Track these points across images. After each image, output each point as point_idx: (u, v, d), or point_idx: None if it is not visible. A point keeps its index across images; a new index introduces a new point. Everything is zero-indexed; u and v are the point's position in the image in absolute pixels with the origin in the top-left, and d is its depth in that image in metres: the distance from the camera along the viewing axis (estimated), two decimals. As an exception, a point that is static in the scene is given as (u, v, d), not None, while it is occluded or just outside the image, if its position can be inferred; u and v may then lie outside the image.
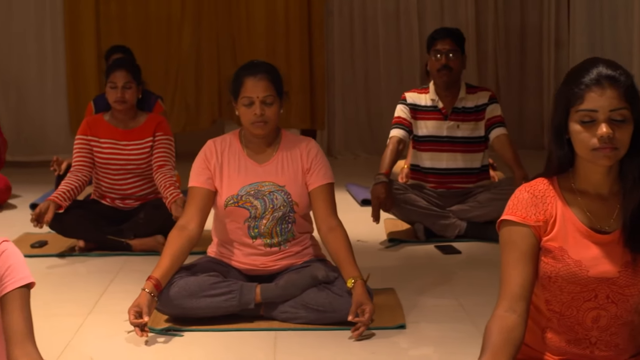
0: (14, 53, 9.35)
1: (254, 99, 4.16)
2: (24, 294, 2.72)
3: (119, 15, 9.30)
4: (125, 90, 5.52)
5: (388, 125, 9.49)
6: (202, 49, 9.30)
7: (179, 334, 3.99)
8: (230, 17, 9.32)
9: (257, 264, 4.23)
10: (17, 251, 2.77)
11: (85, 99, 9.26)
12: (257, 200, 4.18)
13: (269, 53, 9.32)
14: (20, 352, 2.65)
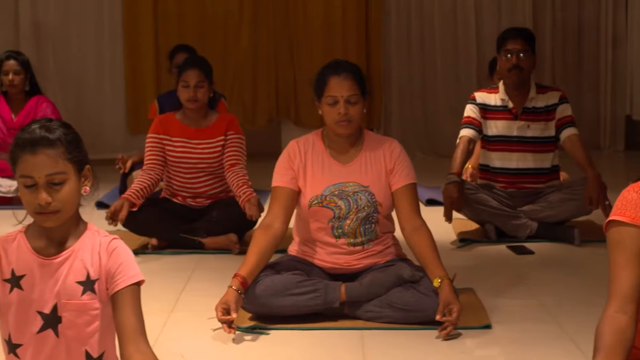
0: (72, 53, 9.41)
1: (339, 98, 4.16)
2: (135, 292, 2.74)
3: (178, 14, 9.33)
4: (198, 89, 5.54)
5: (444, 125, 9.59)
6: (260, 48, 9.31)
7: (265, 332, 3.99)
8: (287, 17, 9.33)
9: (340, 262, 4.23)
10: (128, 249, 2.80)
11: (142, 99, 9.34)
12: (341, 201, 4.18)
13: (326, 53, 9.31)
14: (133, 348, 2.67)
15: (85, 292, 2.73)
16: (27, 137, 2.66)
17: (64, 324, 2.73)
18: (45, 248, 2.76)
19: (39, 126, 2.69)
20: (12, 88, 7.20)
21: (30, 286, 2.73)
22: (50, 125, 2.70)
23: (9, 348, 2.78)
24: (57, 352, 2.74)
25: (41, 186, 2.65)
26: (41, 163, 2.65)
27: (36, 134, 2.66)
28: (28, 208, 2.71)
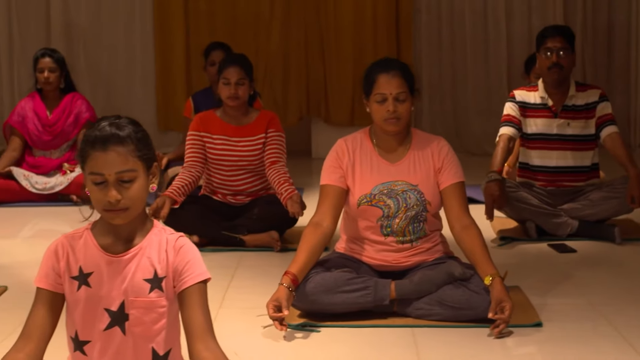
0: (103, 50, 9.43)
1: (387, 95, 4.16)
2: (203, 289, 2.75)
3: (208, 12, 9.33)
4: (239, 86, 5.54)
5: (474, 123, 9.57)
6: (290, 46, 9.31)
7: (316, 330, 3.99)
8: (318, 15, 9.32)
9: (389, 260, 4.22)
10: (194, 247, 2.80)
11: (173, 96, 9.36)
12: (390, 199, 4.18)
13: (357, 51, 9.32)
14: (202, 346, 2.68)
15: (152, 290, 2.73)
16: (97, 134, 2.67)
17: (131, 322, 2.74)
18: (112, 245, 2.77)
19: (108, 123, 2.69)
20: (47, 85, 7.21)
21: (98, 283, 2.74)
22: (120, 122, 2.71)
23: (75, 345, 2.78)
24: (123, 349, 2.75)
25: (111, 183, 2.66)
26: (111, 160, 2.65)
27: (106, 131, 2.66)
28: (97, 205, 2.71)
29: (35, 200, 7.10)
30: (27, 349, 2.69)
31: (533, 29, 9.51)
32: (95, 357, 2.76)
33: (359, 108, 9.41)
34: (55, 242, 2.81)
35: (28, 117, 7.25)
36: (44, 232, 6.61)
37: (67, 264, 2.75)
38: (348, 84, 9.35)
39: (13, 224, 6.58)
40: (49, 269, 2.77)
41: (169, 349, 2.80)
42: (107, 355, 2.76)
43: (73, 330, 2.78)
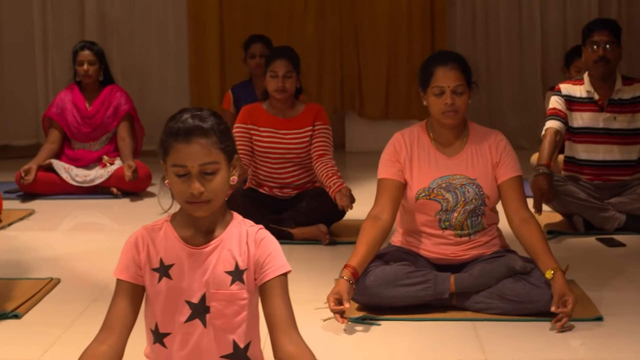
0: (137, 44, 9.42)
1: (445, 88, 4.15)
2: (284, 282, 2.74)
3: (243, 5, 9.31)
4: (286, 79, 5.54)
5: (508, 116, 9.55)
6: (325, 40, 9.29)
7: (376, 323, 3.98)
8: (353, 8, 9.29)
9: (447, 253, 4.21)
10: (274, 239, 2.80)
11: (207, 89, 9.35)
12: (448, 193, 4.17)
13: (391, 44, 9.31)
14: (286, 339, 2.67)
15: (234, 282, 2.73)
16: (180, 126, 2.66)
17: (212, 314, 2.73)
18: (192, 237, 2.76)
19: (190, 115, 2.69)
20: (86, 78, 7.21)
21: (179, 275, 2.74)
22: (202, 114, 2.71)
23: (155, 337, 2.78)
24: (204, 341, 2.75)
25: (194, 175, 2.66)
26: (195, 152, 2.65)
27: (190, 123, 2.66)
28: (179, 197, 2.71)
29: (75, 192, 7.10)
30: (109, 340, 2.70)
31: (567, 22, 9.49)
32: (175, 349, 2.77)
33: (393, 101, 9.40)
34: (134, 233, 2.81)
35: (67, 109, 7.24)
36: (84, 225, 6.63)
37: (147, 256, 2.75)
38: (382, 77, 9.33)
39: (53, 217, 6.59)
40: (129, 261, 2.76)
41: (249, 341, 2.80)
42: (187, 347, 2.75)
43: (153, 322, 2.78)
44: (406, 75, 9.31)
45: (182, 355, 2.76)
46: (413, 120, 9.39)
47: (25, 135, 9.50)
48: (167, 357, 2.78)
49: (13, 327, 4.04)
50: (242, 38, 9.03)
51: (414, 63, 9.27)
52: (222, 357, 2.76)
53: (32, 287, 4.54)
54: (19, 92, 9.54)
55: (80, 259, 5.30)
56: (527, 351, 3.67)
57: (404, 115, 9.41)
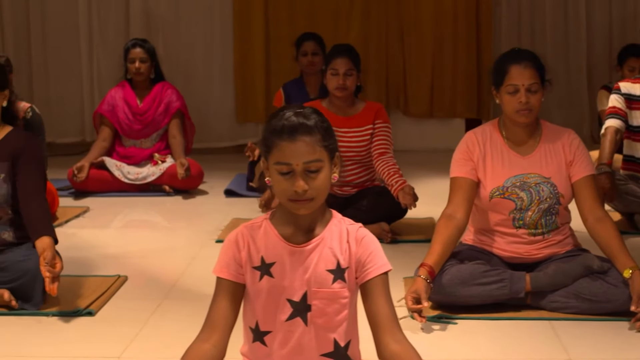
0: (182, 42, 9.43)
1: (520, 86, 4.13)
2: (385, 281, 2.73)
3: (288, 3, 9.31)
4: (347, 77, 5.52)
5: (554, 115, 9.49)
6: (370, 38, 9.27)
7: (453, 322, 3.97)
8: (398, 7, 9.27)
9: (521, 252, 4.19)
10: (375, 237, 2.79)
11: (251, 87, 9.36)
12: (523, 192, 4.15)
13: (436, 43, 9.29)
14: (390, 338, 2.66)
15: (335, 281, 2.72)
16: (284, 123, 2.65)
17: (314, 312, 2.72)
18: (293, 235, 2.75)
19: (294, 113, 2.68)
20: (138, 76, 7.22)
21: (281, 274, 2.72)
22: (305, 111, 2.69)
23: (255, 336, 2.77)
24: (305, 340, 2.73)
25: (298, 173, 2.64)
26: (299, 150, 2.63)
27: (294, 121, 2.65)
28: (282, 195, 2.69)
29: (126, 190, 7.11)
30: (212, 339, 2.69)
31: (613, 20, 9.44)
32: (275, 348, 2.75)
33: (437, 100, 9.38)
34: (234, 232, 2.80)
35: (118, 106, 7.25)
36: (139, 223, 6.64)
37: (248, 254, 2.74)
38: (427, 76, 9.32)
39: (107, 214, 6.61)
40: (230, 259, 2.76)
41: (349, 340, 2.78)
42: (288, 346, 2.74)
43: (253, 320, 2.77)
44: (451, 73, 9.29)
45: (282, 354, 2.74)
46: (457, 119, 9.41)
47: (71, 132, 9.54)
48: (267, 355, 2.77)
49: (88, 324, 4.05)
50: (287, 36, 9.06)
51: (458, 62, 9.29)
52: (323, 356, 2.74)
53: (100, 284, 4.55)
54: (64, 90, 9.57)
55: (142, 256, 5.30)
56: (610, 351, 3.65)
57: (448, 113, 9.39)
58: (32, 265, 4.12)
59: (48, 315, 4.11)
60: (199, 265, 5.04)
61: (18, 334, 3.91)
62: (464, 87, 9.29)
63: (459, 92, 9.31)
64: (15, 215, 4.34)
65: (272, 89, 9.25)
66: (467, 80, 9.31)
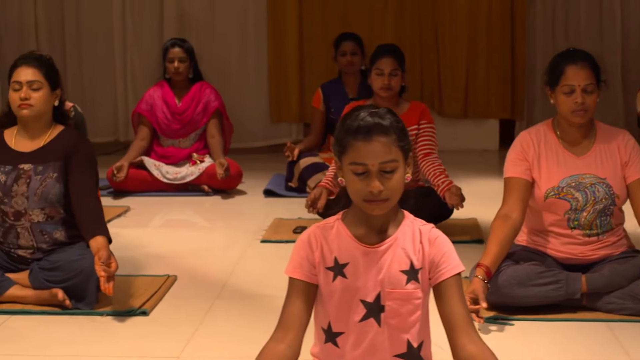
0: (216, 41, 9.42)
1: (575, 87, 4.10)
2: (459, 281, 2.73)
3: (322, 3, 9.30)
4: (392, 77, 5.52)
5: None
6: (404, 38, 9.24)
7: (510, 323, 3.95)
8: (433, 6, 9.25)
9: (575, 252, 4.18)
10: (447, 238, 2.78)
11: (285, 87, 9.35)
12: (578, 192, 4.13)
13: (471, 43, 9.26)
14: (466, 339, 2.65)
15: (409, 281, 2.71)
16: (360, 124, 2.64)
17: (387, 313, 2.71)
18: (365, 236, 2.74)
19: (368, 113, 2.67)
20: (177, 75, 7.22)
21: (354, 274, 2.72)
22: (380, 111, 2.68)
23: (327, 337, 2.76)
24: (378, 341, 2.72)
25: (373, 174, 2.63)
26: (375, 150, 2.62)
27: (369, 121, 2.64)
28: (356, 196, 2.69)
29: (165, 190, 7.11)
30: (287, 339, 2.68)
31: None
32: (348, 349, 2.75)
33: (472, 100, 9.35)
34: (307, 232, 2.80)
35: (157, 106, 7.26)
36: (177, 222, 6.64)
37: (321, 255, 2.74)
38: (461, 76, 9.29)
39: (147, 214, 6.62)
40: (303, 260, 2.75)
41: (421, 341, 2.78)
42: (361, 347, 2.73)
43: (326, 321, 2.76)
44: (485, 74, 9.27)
45: (355, 355, 2.74)
46: (491, 120, 9.39)
47: (104, 132, 9.56)
48: (339, 356, 2.76)
49: (143, 323, 4.05)
50: (321, 36, 9.09)
51: (493, 62, 9.26)
52: (396, 357, 2.74)
53: (151, 284, 4.55)
54: (98, 90, 9.59)
55: (187, 256, 5.31)
56: (671, 352, 3.63)
57: (482, 114, 9.37)
58: (86, 264, 4.13)
59: (102, 315, 4.11)
60: (246, 265, 5.04)
61: (73, 333, 3.92)
62: (498, 87, 9.26)
63: (493, 92, 9.28)
64: (67, 214, 4.35)
65: (306, 89, 9.26)
66: (502, 80, 9.28)
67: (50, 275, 4.20)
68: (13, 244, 4.36)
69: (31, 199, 4.29)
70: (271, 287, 4.61)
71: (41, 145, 4.37)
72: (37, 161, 4.33)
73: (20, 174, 4.31)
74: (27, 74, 4.33)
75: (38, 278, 4.23)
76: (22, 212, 4.30)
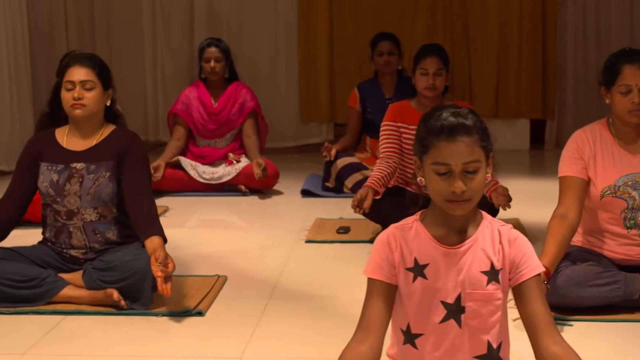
0: (246, 41, 9.39)
1: (633, 87, 4.09)
2: (539, 282, 2.72)
3: (353, 3, 9.27)
4: (437, 77, 5.49)
5: (619, 116, 9.41)
6: (436, 38, 9.17)
7: (569, 324, 3.94)
8: (464, 6, 9.22)
9: (632, 254, 4.16)
10: (526, 238, 2.76)
11: (315, 87, 9.33)
12: (635, 191, 4.11)
13: (502, 43, 9.23)
14: (549, 340, 2.64)
15: (490, 282, 2.70)
16: (443, 124, 2.63)
17: (468, 314, 2.70)
18: (445, 237, 2.73)
19: (451, 113, 2.66)
20: (213, 75, 7.20)
21: (434, 275, 2.71)
22: (462, 111, 2.67)
23: (406, 338, 2.75)
24: (458, 342, 2.71)
25: (456, 174, 2.62)
26: (459, 150, 2.61)
27: (452, 121, 2.63)
28: (438, 196, 2.68)
29: (202, 190, 7.10)
30: (368, 341, 2.67)
31: None
32: (427, 350, 2.73)
33: (502, 100, 9.32)
34: (385, 232, 2.79)
35: (193, 106, 7.24)
36: (211, 222, 6.63)
37: (401, 255, 2.73)
38: (492, 76, 9.26)
39: (184, 214, 6.61)
40: (382, 260, 2.74)
41: (500, 342, 2.77)
42: (441, 348, 2.72)
43: (405, 322, 2.75)
44: (516, 73, 9.24)
45: (435, 357, 2.73)
46: (522, 120, 9.36)
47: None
48: (418, 358, 2.75)
49: (200, 324, 4.05)
50: (352, 36, 9.08)
51: (524, 61, 9.23)
52: (476, 358, 2.73)
53: (202, 284, 4.55)
54: (127, 90, 9.53)
55: (233, 256, 5.30)
56: None
57: (513, 113, 9.34)
58: (142, 264, 4.12)
59: (158, 315, 4.11)
60: (294, 266, 5.03)
61: (130, 333, 3.92)
62: (529, 87, 9.23)
63: (524, 92, 9.26)
64: (119, 213, 4.36)
65: (336, 89, 9.24)
66: (532, 80, 9.25)
67: (105, 276, 4.20)
68: (65, 244, 4.36)
69: (84, 198, 4.29)
70: (322, 288, 4.61)
71: (93, 144, 4.38)
72: (90, 160, 4.33)
73: (72, 173, 4.31)
74: (80, 73, 4.33)
75: (92, 278, 4.22)
76: (74, 212, 4.30)
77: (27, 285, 4.20)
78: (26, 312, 4.14)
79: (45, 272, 4.26)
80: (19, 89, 8.21)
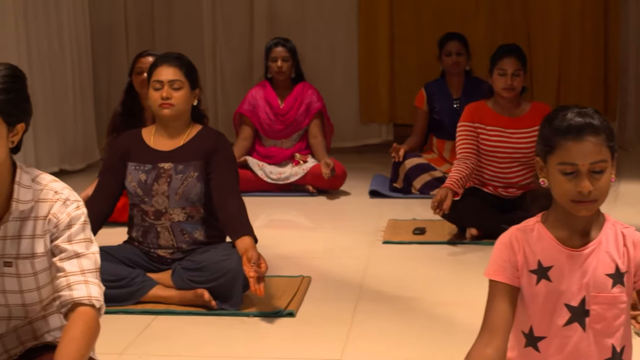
0: (307, 42, 9.34)
1: None
2: None
3: (414, 3, 9.24)
4: (515, 77, 5.48)
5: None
6: (497, 39, 9.12)
7: None
8: (525, 7, 9.17)
9: None
10: None
11: (375, 88, 9.31)
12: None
13: (564, 42, 9.18)
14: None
15: (615, 285, 2.66)
16: (570, 123, 2.60)
17: (592, 317, 2.66)
18: (568, 239, 2.69)
19: (577, 113, 2.62)
20: (280, 75, 7.20)
21: (559, 278, 2.67)
22: (587, 111, 2.64)
23: (528, 341, 2.72)
24: (582, 346, 2.67)
25: (583, 174, 2.59)
26: (586, 150, 2.58)
27: (579, 121, 2.60)
28: (563, 196, 2.65)
29: (269, 190, 7.10)
30: (493, 343, 2.64)
31: None
32: (550, 353, 2.70)
33: (564, 101, 9.25)
34: (507, 234, 2.75)
35: (259, 106, 7.24)
36: (277, 223, 6.62)
37: (524, 257, 2.69)
38: (554, 77, 9.21)
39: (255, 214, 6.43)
40: (505, 262, 2.71)
41: (624, 345, 2.72)
42: (565, 352, 2.68)
43: (527, 325, 2.72)
44: (578, 74, 9.18)
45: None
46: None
47: (194, 133, 9.54)
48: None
49: (292, 324, 4.04)
50: (412, 37, 9.05)
51: (586, 62, 9.17)
52: (600, 362, 2.68)
53: (287, 284, 4.54)
54: (187, 90, 9.58)
55: (312, 257, 5.30)
56: None
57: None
58: (233, 264, 4.12)
59: (249, 316, 4.10)
60: (376, 266, 5.02)
61: (223, 334, 3.92)
62: (591, 88, 9.17)
63: (586, 93, 9.19)
64: (206, 213, 4.35)
65: (396, 89, 9.22)
66: (594, 81, 9.19)
67: (195, 276, 4.19)
68: (153, 244, 4.36)
69: (172, 198, 4.28)
70: (408, 289, 4.59)
71: (181, 144, 4.37)
72: (178, 160, 4.33)
73: (160, 172, 4.31)
74: (168, 73, 4.34)
75: (182, 278, 4.22)
76: (162, 212, 4.30)
77: (116, 284, 4.20)
78: (117, 312, 4.14)
79: (134, 272, 4.26)
80: (83, 91, 8.26)
